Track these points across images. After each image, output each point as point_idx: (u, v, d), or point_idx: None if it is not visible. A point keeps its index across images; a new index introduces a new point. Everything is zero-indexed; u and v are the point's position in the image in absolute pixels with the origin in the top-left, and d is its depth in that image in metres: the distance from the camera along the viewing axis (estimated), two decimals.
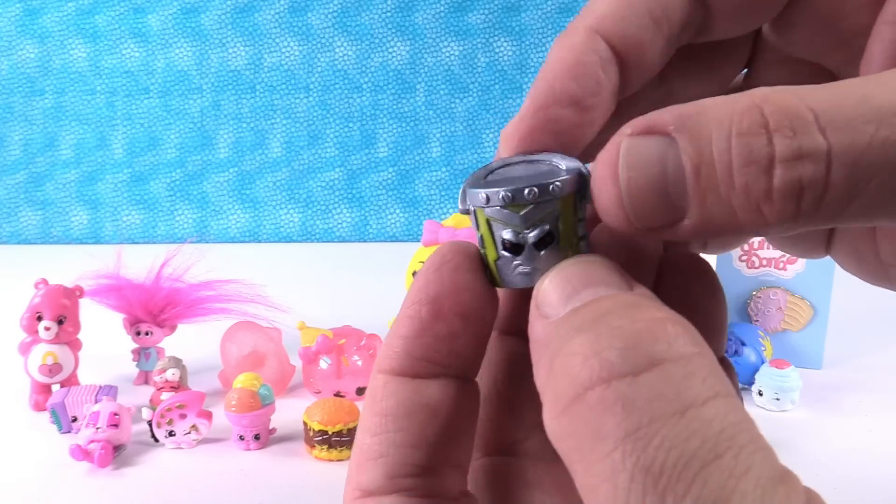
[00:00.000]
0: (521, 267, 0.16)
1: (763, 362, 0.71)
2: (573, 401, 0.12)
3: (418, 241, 0.73)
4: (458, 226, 0.72)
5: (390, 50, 1.49)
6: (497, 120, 1.51)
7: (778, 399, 0.68)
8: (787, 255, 0.77)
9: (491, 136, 1.51)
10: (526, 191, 0.16)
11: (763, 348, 0.75)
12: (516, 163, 0.17)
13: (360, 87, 1.50)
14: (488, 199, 0.16)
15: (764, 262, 0.77)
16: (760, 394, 0.68)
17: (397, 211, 1.51)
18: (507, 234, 0.16)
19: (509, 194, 0.16)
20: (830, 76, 0.18)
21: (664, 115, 0.14)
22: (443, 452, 0.17)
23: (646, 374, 0.12)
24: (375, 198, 1.51)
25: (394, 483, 0.16)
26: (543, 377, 0.14)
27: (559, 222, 0.16)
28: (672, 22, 0.16)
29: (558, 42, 0.17)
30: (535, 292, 0.16)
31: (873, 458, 0.62)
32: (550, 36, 1.49)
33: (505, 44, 1.49)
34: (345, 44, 1.48)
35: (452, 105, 1.50)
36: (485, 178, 0.17)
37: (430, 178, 1.51)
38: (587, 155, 0.17)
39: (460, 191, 0.17)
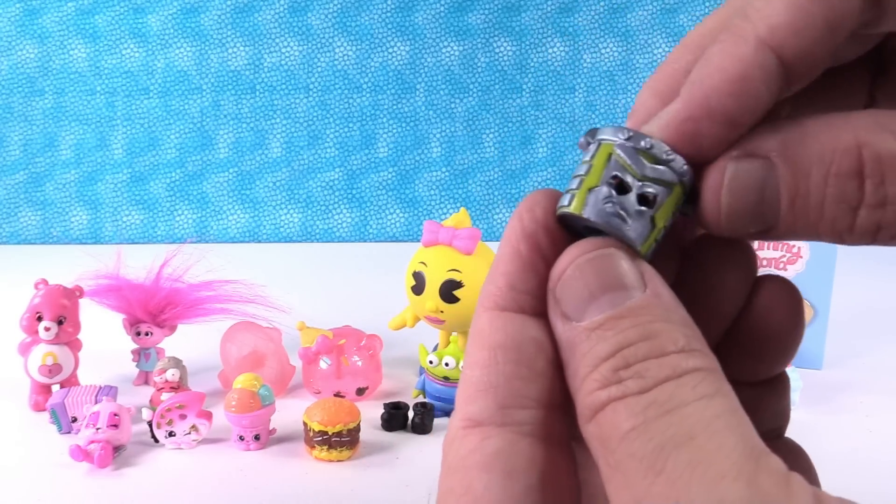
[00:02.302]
0: (610, 205, 0.16)
1: None
2: (594, 414, 0.15)
3: (418, 241, 0.73)
4: (458, 226, 0.72)
5: (390, 50, 1.49)
6: (497, 120, 1.51)
7: None
8: (788, 255, 0.77)
9: (491, 136, 1.51)
10: (666, 150, 0.16)
11: None
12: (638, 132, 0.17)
13: (360, 87, 1.50)
14: (630, 137, 0.17)
15: (764, 263, 0.77)
16: None
17: (397, 211, 1.51)
18: (620, 172, 0.17)
19: (651, 143, 0.16)
20: None
21: (769, 142, 0.15)
22: (553, 390, 0.17)
23: (649, 392, 0.15)
24: (375, 198, 1.51)
25: (505, 414, 0.16)
26: (573, 384, 0.16)
27: (667, 197, 0.17)
28: (846, 29, 0.16)
29: (722, 48, 0.16)
30: (552, 280, 0.17)
31: (873, 458, 0.62)
32: (551, 36, 1.49)
33: (505, 44, 1.49)
34: (345, 44, 1.48)
35: (452, 105, 1.50)
36: None
37: (430, 179, 1.51)
38: None
39: (589, 129, 0.18)
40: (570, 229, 0.17)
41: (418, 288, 0.71)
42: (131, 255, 0.80)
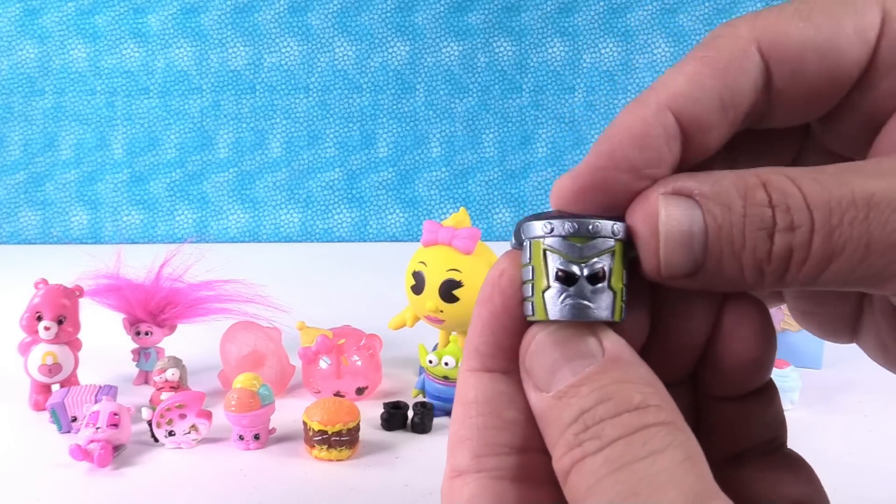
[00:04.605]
0: (569, 299, 0.17)
1: None
2: (565, 478, 0.17)
3: (418, 241, 0.73)
4: (458, 225, 0.72)
5: (390, 50, 1.49)
6: (497, 120, 1.51)
7: None
8: None
9: (491, 136, 1.51)
10: (590, 225, 0.17)
11: None
12: (566, 215, 0.18)
13: (360, 87, 1.50)
14: (552, 228, 0.17)
15: None
16: None
17: (397, 211, 1.51)
18: (562, 265, 0.17)
19: (574, 225, 0.17)
20: None
21: (690, 182, 0.17)
22: (525, 436, 0.18)
23: (602, 451, 0.16)
24: (375, 198, 1.51)
25: (479, 462, 0.18)
26: (549, 448, 0.18)
27: (613, 262, 0.17)
28: (738, 109, 0.18)
29: (629, 110, 0.18)
30: (521, 355, 0.18)
31: (873, 458, 0.62)
32: (550, 36, 1.49)
33: (505, 44, 1.49)
34: (345, 44, 1.48)
35: (452, 105, 1.50)
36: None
37: (430, 178, 1.51)
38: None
39: (516, 226, 0.19)
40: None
41: (418, 288, 0.71)
42: (131, 255, 0.80)
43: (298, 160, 1.50)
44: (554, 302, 0.17)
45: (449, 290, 0.69)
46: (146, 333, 0.76)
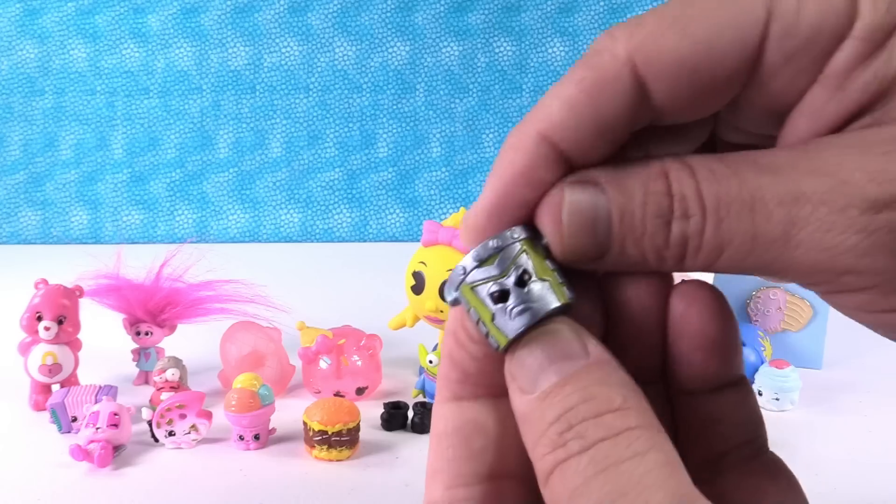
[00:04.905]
0: (514, 309, 0.18)
1: (763, 362, 0.71)
2: (546, 479, 0.17)
3: (418, 241, 0.73)
4: (458, 225, 0.72)
5: (390, 50, 1.49)
6: (497, 120, 1.51)
7: (777, 399, 0.68)
8: None
9: (491, 135, 1.51)
10: (490, 243, 0.18)
11: (763, 348, 0.75)
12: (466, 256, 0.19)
13: (360, 87, 1.50)
14: (464, 268, 0.19)
15: None
16: (760, 394, 0.68)
17: (397, 211, 1.51)
18: (492, 289, 0.18)
19: (477, 252, 0.19)
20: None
21: (597, 173, 0.18)
22: (495, 464, 0.19)
23: (587, 452, 0.16)
24: (375, 198, 1.51)
25: (450, 494, 0.19)
26: (529, 450, 0.18)
27: (529, 260, 0.18)
28: (616, 130, 0.19)
29: (510, 144, 0.19)
30: (507, 363, 0.19)
31: (873, 458, 0.62)
32: (550, 36, 1.49)
33: (505, 44, 1.50)
34: (345, 44, 1.48)
35: (452, 105, 1.50)
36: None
37: (430, 178, 1.51)
38: None
39: (443, 292, 0.20)
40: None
41: (418, 288, 0.71)
42: (131, 255, 0.80)
43: (298, 160, 1.50)
44: (505, 322, 0.18)
45: None
46: (146, 333, 0.76)
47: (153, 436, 0.63)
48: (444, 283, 0.69)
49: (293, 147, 1.50)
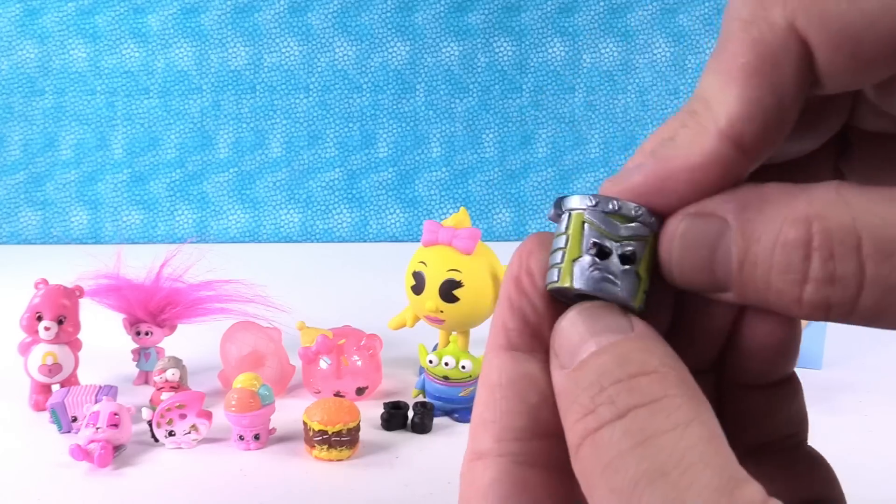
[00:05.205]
0: (598, 272, 0.17)
1: None
2: (577, 448, 0.16)
3: (418, 241, 0.73)
4: (458, 225, 0.72)
5: (390, 50, 1.49)
6: (497, 120, 1.51)
7: None
8: None
9: (491, 135, 1.51)
10: (634, 207, 0.17)
11: None
12: (608, 196, 0.18)
13: (360, 87, 1.50)
14: (597, 203, 0.18)
15: None
16: None
17: (397, 211, 1.51)
18: (597, 238, 0.18)
19: (618, 205, 0.18)
20: None
21: (727, 203, 0.16)
22: (548, 421, 0.18)
23: (621, 420, 0.15)
24: (375, 198, 1.51)
25: (500, 446, 0.18)
26: (562, 420, 0.17)
27: (645, 250, 0.18)
28: (795, 108, 0.16)
29: (688, 133, 0.17)
30: (552, 340, 0.18)
31: (873, 458, 0.62)
32: (550, 36, 1.49)
33: (505, 44, 1.49)
34: (345, 44, 1.48)
35: (452, 105, 1.50)
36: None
37: (430, 178, 1.51)
38: None
39: (556, 199, 0.19)
40: (562, 297, 0.19)
41: (418, 288, 0.71)
42: (131, 255, 0.80)
43: (298, 160, 1.50)
44: (582, 271, 0.17)
45: (449, 290, 0.69)
46: (146, 333, 0.76)
47: (153, 436, 0.63)
48: (445, 285, 0.69)
49: (293, 147, 1.50)
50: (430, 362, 0.70)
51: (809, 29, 0.15)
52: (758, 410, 0.20)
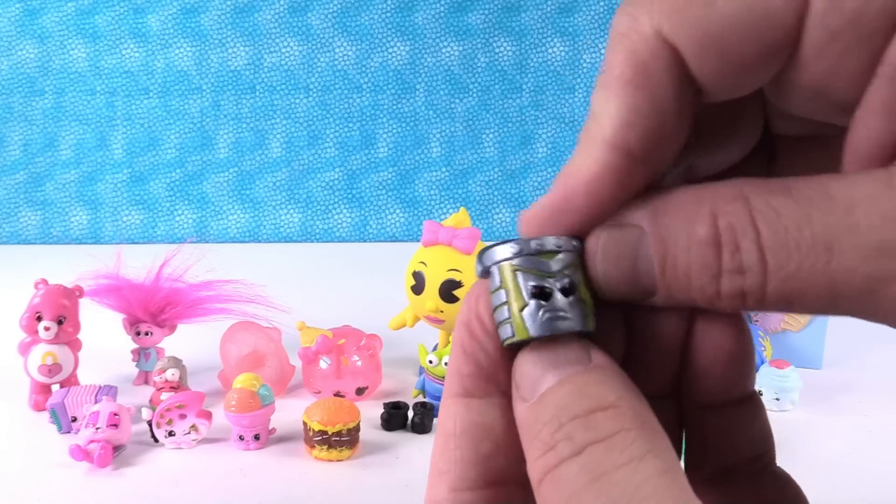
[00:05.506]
0: (547, 314, 0.18)
1: (763, 362, 0.71)
2: (539, 484, 0.16)
3: (418, 241, 0.73)
4: (458, 225, 0.72)
5: (390, 50, 1.49)
6: (497, 120, 1.51)
7: (778, 399, 0.68)
8: None
9: (491, 135, 1.51)
10: (553, 240, 0.18)
11: (763, 348, 0.74)
12: (524, 239, 0.19)
13: (360, 87, 1.50)
14: (520, 249, 0.18)
15: None
16: (761, 393, 0.68)
17: (397, 211, 1.51)
18: (535, 282, 0.18)
19: (539, 243, 0.18)
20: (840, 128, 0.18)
21: (640, 211, 0.17)
22: (503, 469, 0.18)
23: (578, 457, 0.15)
24: (375, 198, 1.51)
25: (454, 496, 0.18)
26: (525, 456, 0.17)
27: (579, 275, 0.18)
28: (680, 114, 0.17)
29: (581, 149, 0.17)
30: (514, 372, 0.18)
31: (873, 458, 0.62)
32: (550, 36, 1.49)
33: (505, 44, 1.49)
34: (345, 44, 1.48)
35: (452, 105, 1.50)
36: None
37: (430, 178, 1.51)
38: None
39: (478, 256, 0.19)
40: (519, 346, 0.19)
41: (418, 288, 0.71)
42: (131, 255, 0.80)
43: (298, 160, 1.50)
44: (533, 319, 0.18)
45: (449, 290, 0.69)
46: (146, 333, 0.76)
47: (153, 436, 0.63)
48: (445, 285, 0.69)
49: (293, 147, 1.50)
50: (430, 362, 0.70)
51: (675, 36, 0.16)
52: (720, 432, 0.20)
